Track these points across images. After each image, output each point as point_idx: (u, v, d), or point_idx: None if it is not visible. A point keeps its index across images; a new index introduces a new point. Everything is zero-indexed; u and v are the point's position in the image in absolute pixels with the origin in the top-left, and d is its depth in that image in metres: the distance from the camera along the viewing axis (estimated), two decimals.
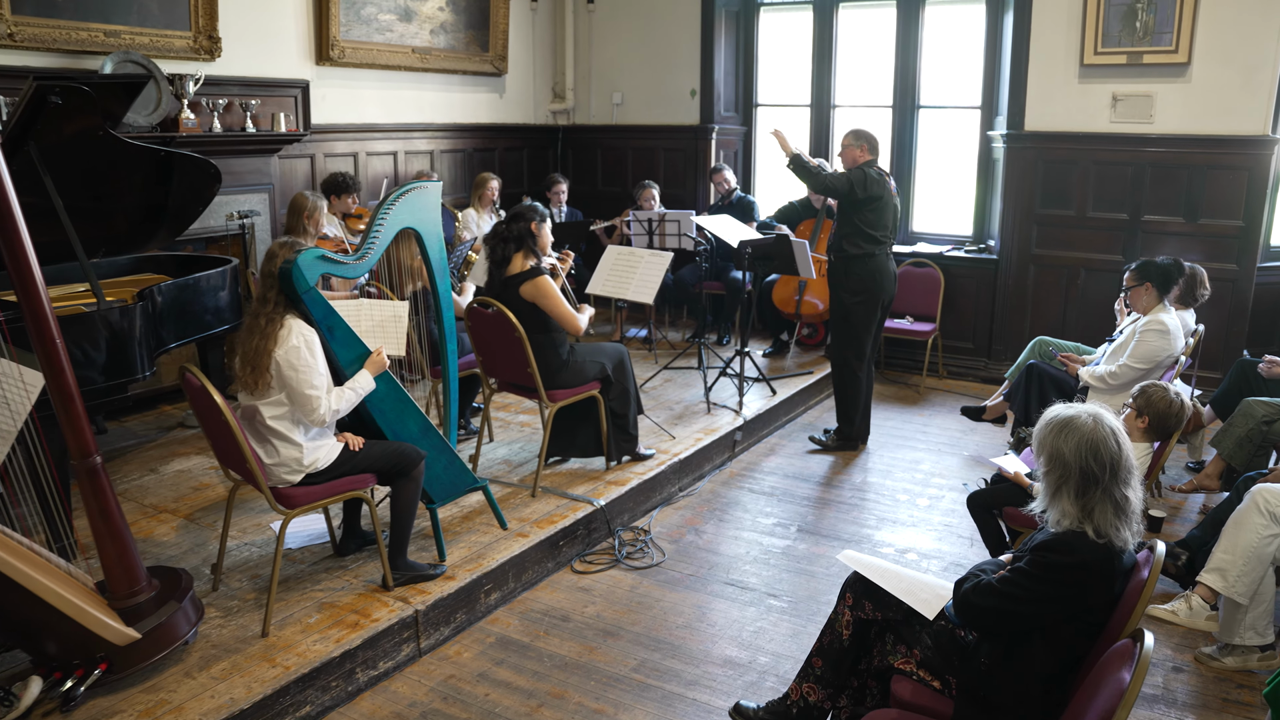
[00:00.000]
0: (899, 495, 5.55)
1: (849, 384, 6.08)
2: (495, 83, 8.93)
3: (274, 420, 3.78)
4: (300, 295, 3.81)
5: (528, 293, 4.96)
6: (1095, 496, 2.50)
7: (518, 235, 5.04)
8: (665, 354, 7.79)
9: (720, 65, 8.83)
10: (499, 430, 6.08)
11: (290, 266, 3.78)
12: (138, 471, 5.42)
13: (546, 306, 4.97)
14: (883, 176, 5.82)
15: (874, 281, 5.85)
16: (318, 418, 3.76)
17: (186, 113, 6.29)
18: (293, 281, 3.78)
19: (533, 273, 4.98)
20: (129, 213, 5.31)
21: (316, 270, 3.87)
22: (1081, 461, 2.52)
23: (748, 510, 5.35)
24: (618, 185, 9.35)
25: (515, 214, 5.07)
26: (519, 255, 5.05)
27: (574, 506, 4.90)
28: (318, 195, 5.86)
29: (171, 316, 4.88)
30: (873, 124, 8.36)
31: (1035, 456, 2.67)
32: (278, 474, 3.81)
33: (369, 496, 4.00)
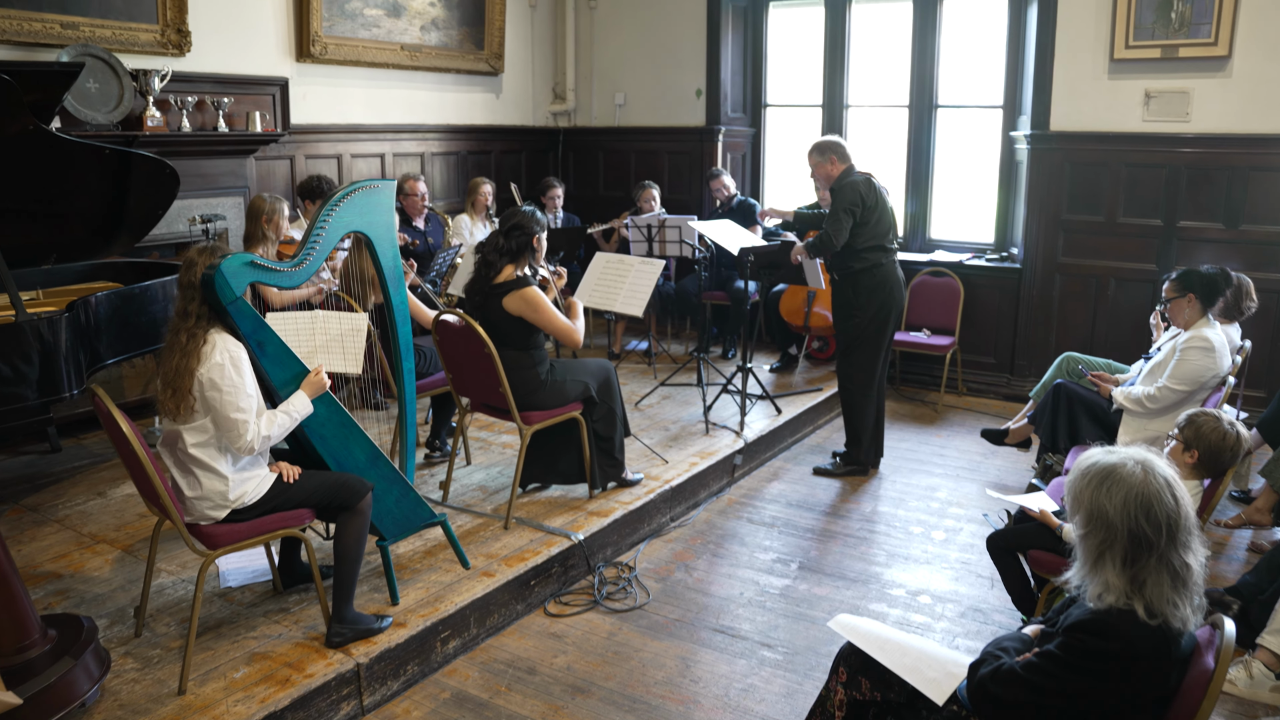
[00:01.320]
0: (912, 527, 5.02)
1: (858, 404, 5.57)
2: (491, 82, 8.47)
3: (196, 448, 3.31)
4: (225, 306, 3.34)
5: (513, 305, 4.48)
6: (1148, 566, 1.98)
7: (516, 249, 4.55)
8: (666, 368, 7.29)
9: (727, 64, 8.35)
10: (478, 452, 5.59)
11: (213, 274, 3.30)
12: (84, 495, 4.97)
13: (537, 319, 4.49)
14: (868, 179, 5.29)
15: (885, 293, 5.35)
16: (245, 444, 3.29)
17: (152, 110, 5.85)
18: (215, 290, 3.31)
19: (520, 283, 4.50)
20: (85, 216, 4.89)
21: (244, 278, 3.40)
22: (1130, 522, 2.00)
23: (745, 544, 4.84)
24: (620, 190, 8.87)
25: (515, 225, 4.56)
26: (511, 266, 4.57)
27: (549, 541, 4.40)
28: (277, 198, 5.40)
29: (111, 329, 4.42)
30: (888, 125, 7.93)
31: (1070, 513, 2.15)
32: (200, 509, 3.34)
33: (304, 535, 3.51)
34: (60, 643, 3.11)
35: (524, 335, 4.56)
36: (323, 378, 3.59)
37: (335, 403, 3.71)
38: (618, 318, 7.79)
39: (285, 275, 3.53)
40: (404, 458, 4.08)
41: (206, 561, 3.33)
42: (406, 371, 4.04)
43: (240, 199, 6.42)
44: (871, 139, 7.98)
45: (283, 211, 5.40)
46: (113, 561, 4.24)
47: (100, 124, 5.67)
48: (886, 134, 7.95)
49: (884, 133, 7.96)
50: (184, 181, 5.53)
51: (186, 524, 3.32)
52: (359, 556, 3.54)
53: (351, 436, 3.74)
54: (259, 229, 5.37)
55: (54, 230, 4.80)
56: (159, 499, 3.22)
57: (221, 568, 4.13)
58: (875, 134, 7.98)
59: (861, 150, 5.49)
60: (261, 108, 6.57)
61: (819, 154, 5.41)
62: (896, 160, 7.86)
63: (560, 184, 8.03)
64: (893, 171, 7.81)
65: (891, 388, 7.36)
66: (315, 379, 3.57)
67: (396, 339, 3.99)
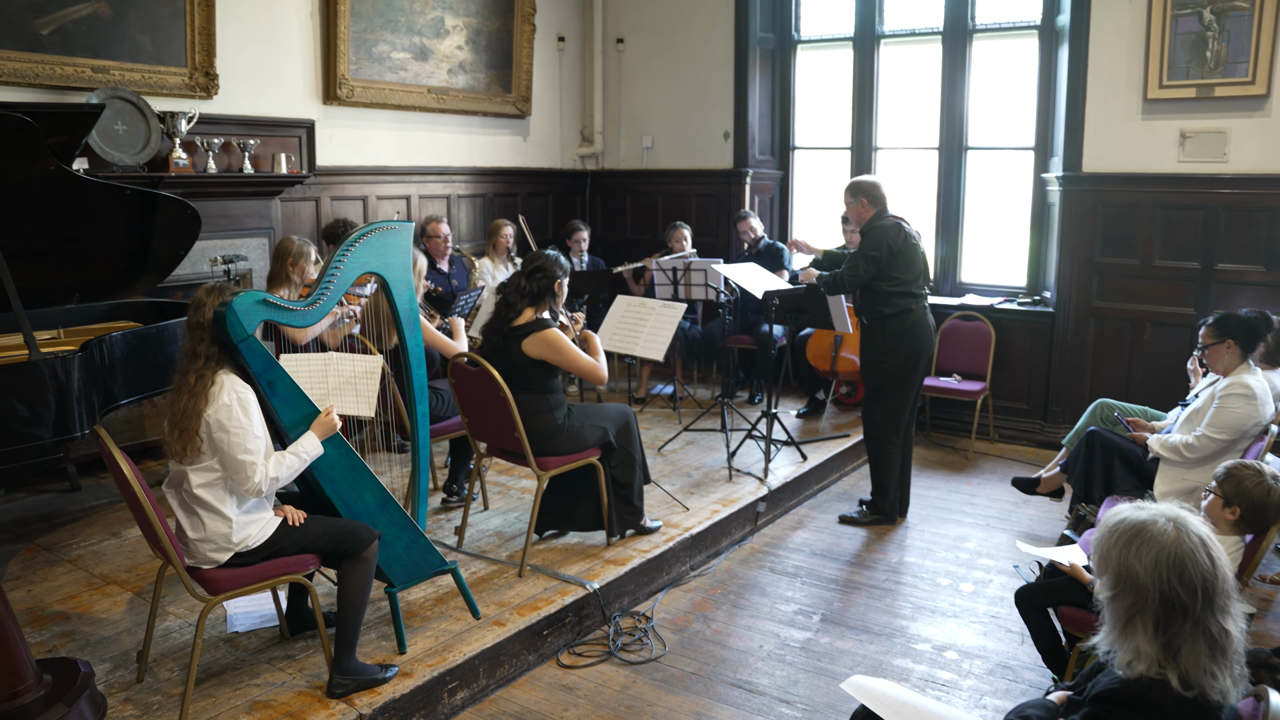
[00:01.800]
0: (940, 579, 4.86)
1: (884, 451, 5.43)
2: (518, 125, 8.49)
3: (201, 489, 3.25)
4: (236, 344, 3.30)
5: (534, 347, 4.41)
6: (1183, 632, 1.84)
7: (536, 292, 4.50)
8: (691, 413, 7.19)
9: (755, 106, 8.31)
10: (496, 497, 5.50)
11: (225, 311, 3.27)
12: (98, 535, 4.94)
13: (561, 361, 4.43)
14: (899, 225, 5.20)
15: (913, 339, 5.23)
16: (253, 486, 3.23)
17: (178, 151, 5.89)
18: (227, 327, 3.27)
19: (539, 325, 4.44)
20: (108, 256, 4.91)
21: (256, 316, 3.36)
22: (1162, 585, 1.86)
23: (767, 594, 4.70)
24: (647, 232, 8.83)
25: (537, 268, 4.52)
26: (530, 309, 4.51)
27: (564, 589, 4.29)
28: (305, 240, 5.39)
29: (126, 369, 4.40)
30: (918, 167, 7.85)
31: (1097, 573, 2.01)
32: (202, 551, 3.27)
33: (308, 582, 3.43)
34: (55, 688, 3.04)
35: (542, 378, 4.48)
36: (333, 419, 3.53)
37: (345, 445, 3.64)
38: (641, 362, 7.71)
39: (298, 314, 3.49)
40: (416, 503, 3.99)
41: (207, 607, 3.26)
42: (420, 415, 3.97)
43: (265, 240, 6.43)
44: (901, 181, 7.89)
45: (309, 255, 5.38)
46: (122, 604, 4.19)
47: (127, 165, 5.71)
48: (916, 176, 7.86)
49: (913, 175, 7.87)
50: (209, 222, 5.57)
51: (189, 567, 3.26)
52: (362, 605, 3.45)
53: (361, 480, 3.66)
54: (284, 270, 5.35)
55: (77, 270, 4.82)
56: (159, 541, 3.16)
57: (229, 611, 4.06)
58: (905, 176, 7.89)
59: (891, 193, 5.40)
60: (288, 149, 6.60)
61: (852, 194, 5.35)
62: (926, 203, 7.76)
63: (585, 227, 8.00)
64: (922, 214, 7.72)
65: (921, 434, 7.21)
66: (326, 420, 3.51)
67: (411, 381, 3.93)
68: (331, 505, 3.60)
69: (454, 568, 3.95)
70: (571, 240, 7.87)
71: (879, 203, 5.31)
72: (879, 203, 5.31)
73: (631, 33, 8.86)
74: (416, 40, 7.43)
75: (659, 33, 8.69)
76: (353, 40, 6.96)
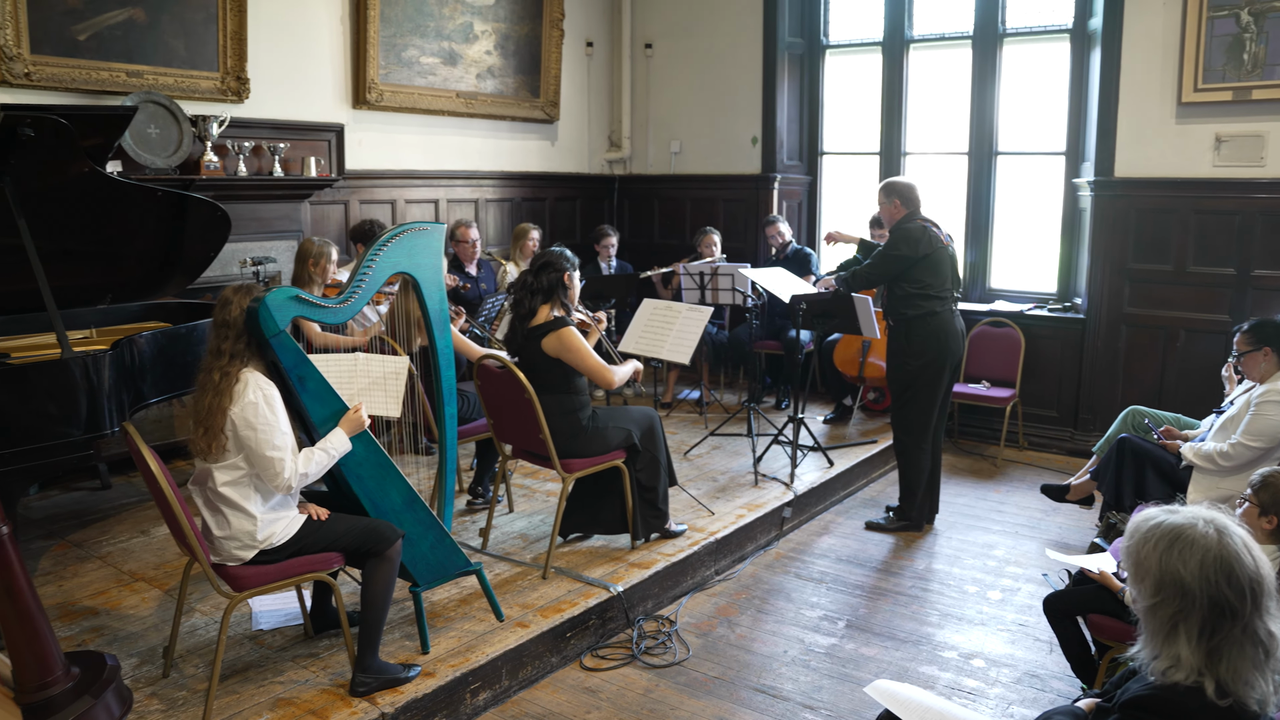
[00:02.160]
0: (967, 586, 4.81)
1: (911, 456, 5.39)
2: (546, 130, 8.51)
3: (226, 486, 3.27)
4: (268, 339, 3.33)
5: (551, 346, 4.42)
6: (1230, 637, 1.80)
7: (547, 287, 4.51)
8: (717, 418, 7.17)
9: (783, 112, 8.29)
10: (521, 499, 5.51)
11: (258, 307, 3.30)
12: (127, 533, 4.99)
13: (573, 360, 4.43)
14: (927, 229, 5.16)
15: (938, 343, 5.18)
16: (282, 482, 3.25)
17: (209, 154, 5.96)
18: (259, 323, 3.30)
19: (557, 323, 4.44)
20: (142, 258, 4.97)
21: (289, 312, 3.38)
22: (1210, 589, 1.81)
23: (791, 600, 4.67)
24: (675, 237, 8.83)
25: (545, 263, 4.55)
26: (545, 306, 4.52)
27: (588, 592, 4.29)
28: (325, 241, 5.44)
29: (155, 369, 4.44)
30: (947, 172, 7.79)
31: (1133, 581, 1.97)
32: (227, 549, 3.29)
33: (332, 580, 3.45)
34: (82, 681, 3.05)
35: (564, 379, 4.49)
36: (362, 415, 3.55)
37: (374, 443, 3.65)
38: (669, 365, 7.69)
39: (330, 311, 3.51)
40: (442, 503, 4.00)
41: (232, 604, 3.28)
42: (448, 416, 3.97)
43: (294, 242, 6.48)
44: (930, 186, 7.82)
45: (330, 255, 5.43)
46: (149, 600, 4.22)
47: (159, 168, 5.77)
48: (945, 181, 7.80)
49: (943, 180, 7.82)
50: (239, 225, 5.61)
51: (215, 564, 3.28)
52: (385, 604, 3.46)
53: (389, 478, 3.68)
54: (306, 271, 5.41)
55: (110, 271, 4.88)
56: (185, 538, 3.18)
57: (255, 609, 4.08)
58: (934, 181, 7.84)
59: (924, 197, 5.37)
60: (317, 153, 6.65)
61: (885, 194, 5.34)
62: (956, 208, 7.70)
63: (614, 232, 7.99)
64: (952, 220, 7.64)
65: (949, 441, 7.15)
66: (354, 416, 3.53)
67: (439, 382, 3.94)
68: (359, 503, 3.61)
69: (478, 569, 3.95)
70: (600, 245, 7.87)
71: (911, 205, 5.28)
72: (911, 205, 5.28)
73: (660, 38, 8.87)
74: (445, 45, 7.47)
75: (687, 38, 8.69)
76: (382, 45, 7.00)
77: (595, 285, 7.20)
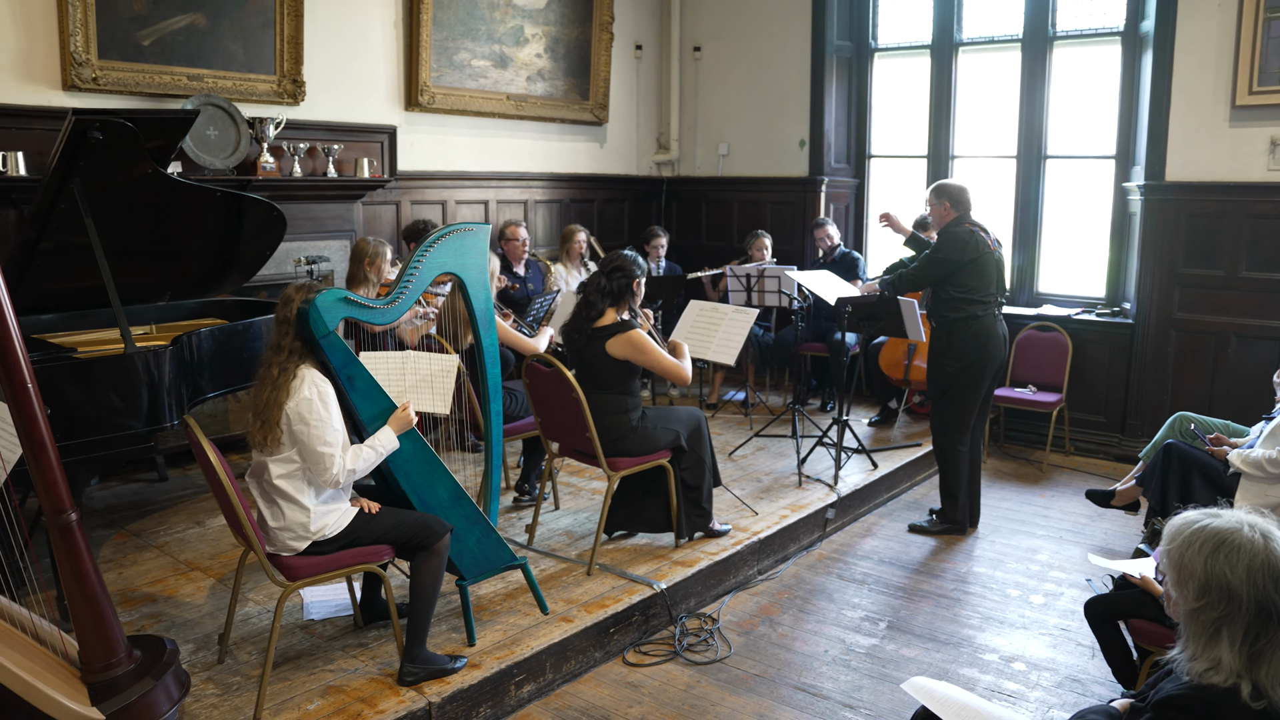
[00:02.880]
0: (1009, 590, 4.80)
1: (950, 458, 5.40)
2: (595, 132, 8.59)
3: (281, 479, 3.37)
4: (318, 340, 3.43)
5: (618, 348, 4.50)
6: (1274, 640, 1.81)
7: (617, 291, 4.59)
8: (762, 419, 7.19)
9: (831, 114, 8.30)
10: (568, 497, 5.58)
11: (308, 308, 3.39)
12: (183, 524, 5.12)
13: (645, 361, 4.52)
14: (975, 233, 5.16)
15: (979, 346, 5.19)
16: (331, 478, 3.34)
17: (265, 156, 6.10)
18: (309, 324, 3.40)
19: (624, 326, 4.52)
20: (200, 256, 5.11)
21: (338, 313, 3.47)
22: (1259, 593, 1.83)
23: (833, 600, 4.69)
24: (722, 239, 8.86)
25: (617, 267, 4.61)
26: (612, 309, 4.60)
27: (632, 589, 4.34)
28: (380, 241, 5.54)
29: (213, 364, 4.57)
30: (996, 176, 7.74)
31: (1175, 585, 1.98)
32: (282, 539, 3.39)
33: (382, 572, 3.54)
34: (143, 663, 3.16)
35: (623, 379, 4.56)
36: (409, 414, 3.63)
37: (421, 440, 3.74)
38: (714, 367, 7.73)
39: (378, 312, 3.60)
40: (488, 499, 4.08)
41: (286, 592, 3.37)
42: (494, 413, 4.05)
43: (347, 242, 6.61)
44: (979, 190, 7.75)
45: (385, 255, 5.53)
46: (205, 589, 4.34)
47: (218, 169, 5.92)
48: (994, 185, 7.76)
49: (991, 184, 7.78)
50: (293, 224, 5.73)
51: (269, 554, 3.38)
52: (433, 597, 3.54)
53: (436, 474, 3.76)
54: (361, 270, 5.51)
55: (170, 269, 5.03)
56: (242, 529, 3.28)
57: (306, 600, 4.18)
58: (982, 185, 7.78)
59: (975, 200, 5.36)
60: (370, 154, 6.77)
61: (936, 196, 5.35)
62: (1004, 212, 7.66)
63: (665, 233, 8.04)
64: (1000, 223, 7.60)
65: (994, 445, 7.13)
66: (402, 415, 3.61)
67: (485, 380, 4.02)
68: (406, 499, 3.70)
69: (524, 564, 4.03)
70: (650, 246, 7.93)
71: (961, 208, 5.27)
72: (961, 208, 5.27)
73: (709, 41, 8.91)
74: (496, 48, 7.57)
75: (736, 41, 8.72)
76: (434, 48, 7.12)
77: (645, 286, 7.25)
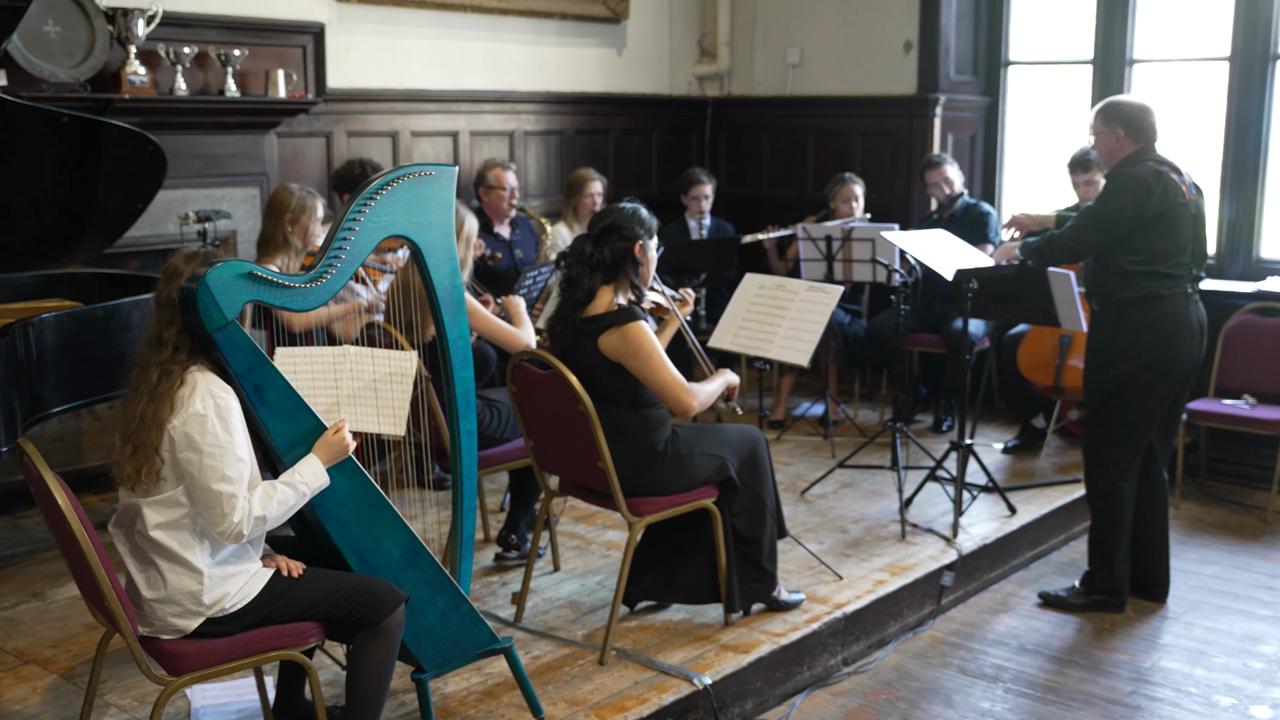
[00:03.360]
0: (1217, 696, 4.81)
1: (1110, 503, 5.41)
2: (611, 33, 8.65)
3: (161, 530, 3.38)
4: (210, 334, 3.41)
5: (611, 345, 4.49)
6: None
7: (610, 261, 4.57)
8: (848, 443, 7.20)
9: (950, 5, 8.31)
10: (571, 554, 5.63)
11: (195, 289, 3.37)
12: (13, 596, 5.18)
13: (639, 369, 4.49)
14: (1163, 175, 5.10)
15: (1160, 340, 5.18)
16: (230, 528, 3.34)
17: (134, 65, 6.14)
18: (197, 311, 3.37)
19: (621, 316, 4.50)
20: (38, 209, 5.16)
21: (240, 295, 3.45)
22: None
23: (953, 704, 4.72)
24: (790, 186, 8.92)
25: (608, 226, 4.59)
26: (607, 288, 4.58)
27: (663, 684, 4.37)
28: (309, 191, 5.60)
29: (61, 365, 4.61)
30: (1196, 89, 7.73)
31: None
32: (163, 616, 3.41)
33: (306, 661, 3.55)
34: None
35: (633, 388, 4.56)
36: (344, 437, 3.64)
37: (362, 474, 3.75)
38: (780, 369, 7.74)
39: (298, 293, 3.57)
40: (457, 557, 4.09)
41: (167, 691, 3.39)
42: (465, 433, 4.06)
43: (256, 190, 6.68)
44: (1168, 110, 7.77)
45: (314, 210, 5.57)
46: (43, 690, 4.36)
47: (62, 82, 5.93)
48: (1192, 103, 7.81)
49: (1188, 101, 7.83)
50: (177, 165, 5.78)
51: (143, 637, 3.39)
52: (380, 696, 3.57)
53: (382, 522, 3.77)
54: (279, 231, 5.54)
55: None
56: (104, 601, 3.29)
57: (195, 703, 4.22)
58: (1174, 103, 7.81)
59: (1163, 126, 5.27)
60: (287, 64, 6.83)
61: (1104, 120, 5.29)
62: (1208, 142, 7.69)
63: (709, 179, 8.07)
64: (1201, 158, 7.61)
65: (1192, 482, 7.15)
66: (333, 439, 3.62)
67: (453, 387, 4.02)
68: (341, 556, 3.71)
69: (508, 647, 4.05)
70: (689, 196, 7.96)
71: (1143, 137, 5.22)
72: (1143, 137, 5.22)
73: None
74: None
75: None
76: None
77: (679, 254, 7.26)
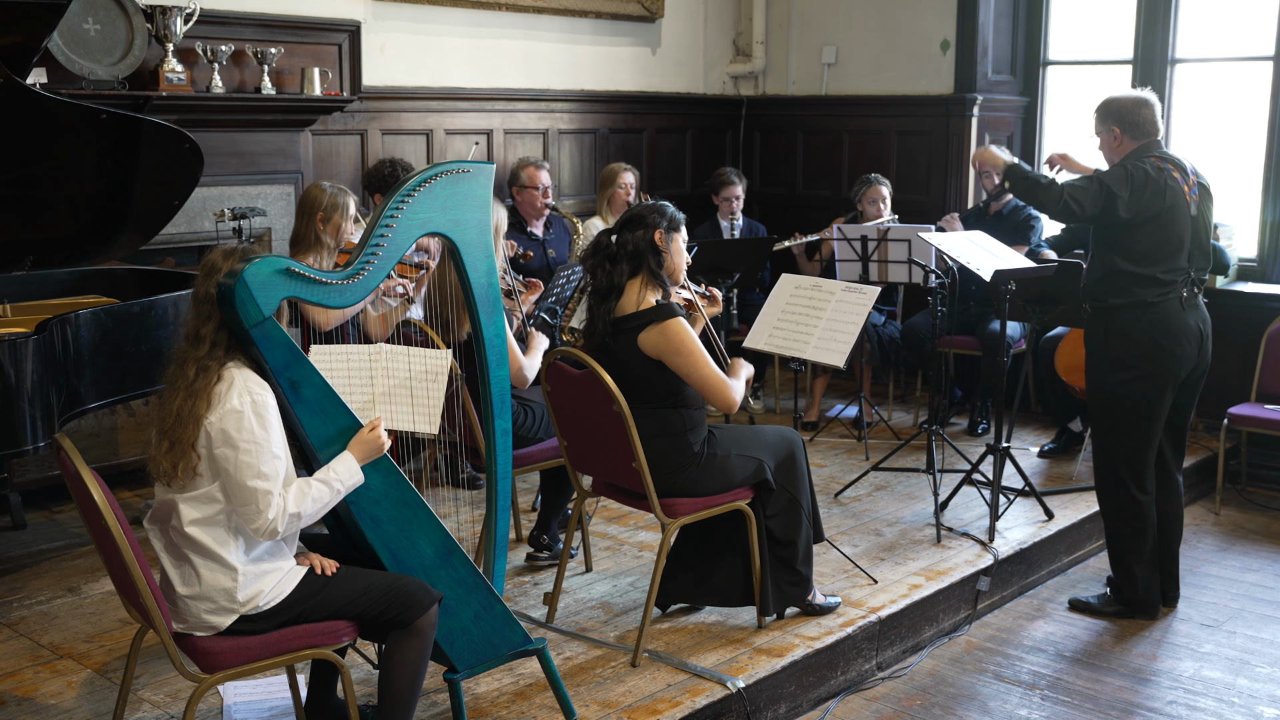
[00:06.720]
0: (1261, 707, 4.76)
1: (1121, 512, 5.41)
2: (645, 31, 8.65)
3: (196, 526, 3.38)
4: (247, 330, 3.42)
5: (651, 344, 4.48)
6: None
7: (632, 252, 4.56)
8: (883, 445, 7.18)
9: (989, 3, 8.27)
10: (603, 554, 5.62)
11: (233, 285, 3.38)
12: (49, 590, 5.19)
13: (681, 366, 4.49)
14: (1164, 173, 5.06)
15: (1153, 348, 5.15)
16: (265, 525, 3.34)
17: (172, 63, 6.16)
18: (235, 307, 3.38)
19: (660, 313, 4.49)
20: (76, 206, 5.18)
21: (277, 291, 3.47)
22: None
23: (989, 712, 4.69)
24: (825, 186, 8.91)
25: (630, 217, 4.61)
26: (634, 283, 4.57)
27: (696, 687, 4.35)
28: (341, 189, 5.59)
29: (99, 361, 4.62)
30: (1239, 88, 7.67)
31: None
32: (197, 613, 3.41)
33: (339, 660, 3.54)
34: None
35: (670, 387, 4.55)
36: (379, 434, 3.64)
37: (397, 473, 3.75)
38: (815, 370, 7.71)
39: (334, 289, 3.59)
40: (491, 557, 4.08)
41: (199, 690, 3.39)
42: (499, 432, 4.05)
43: (291, 188, 6.70)
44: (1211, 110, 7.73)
45: (347, 208, 5.57)
46: (78, 685, 4.37)
47: (101, 79, 5.96)
48: (1236, 103, 7.76)
49: (1231, 101, 7.78)
50: (213, 162, 5.79)
51: (177, 634, 3.40)
52: (413, 696, 3.56)
53: (416, 521, 3.77)
54: (312, 230, 5.54)
55: (31, 223, 5.09)
56: (139, 597, 3.30)
57: (227, 700, 4.23)
58: (1217, 102, 7.74)
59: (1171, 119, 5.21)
60: (322, 62, 6.84)
61: (1100, 119, 5.28)
62: (1252, 139, 7.64)
63: (740, 179, 8.07)
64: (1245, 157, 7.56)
65: (1232, 488, 7.11)
66: (369, 437, 3.62)
67: (489, 386, 4.02)
68: (375, 555, 3.71)
69: (541, 648, 4.04)
70: (720, 197, 7.95)
71: (1141, 132, 5.16)
72: (1141, 132, 5.16)
73: None
74: None
75: None
76: None
77: (713, 254, 7.25)
